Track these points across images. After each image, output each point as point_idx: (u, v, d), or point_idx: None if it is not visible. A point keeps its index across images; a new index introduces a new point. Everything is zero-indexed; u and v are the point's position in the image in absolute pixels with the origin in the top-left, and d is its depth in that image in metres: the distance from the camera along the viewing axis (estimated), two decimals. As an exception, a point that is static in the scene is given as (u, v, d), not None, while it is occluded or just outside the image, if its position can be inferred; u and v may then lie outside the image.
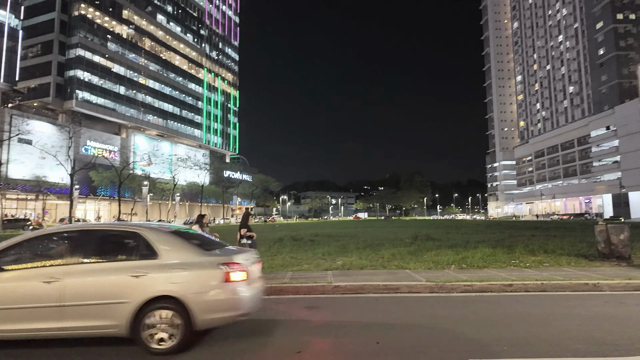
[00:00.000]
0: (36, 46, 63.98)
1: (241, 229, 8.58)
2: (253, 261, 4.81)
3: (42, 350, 4.23)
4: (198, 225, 8.42)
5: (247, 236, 8.49)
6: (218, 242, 5.36)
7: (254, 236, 8.74)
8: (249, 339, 4.66)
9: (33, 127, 52.55)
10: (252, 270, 4.57)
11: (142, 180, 58.59)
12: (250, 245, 8.42)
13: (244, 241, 8.45)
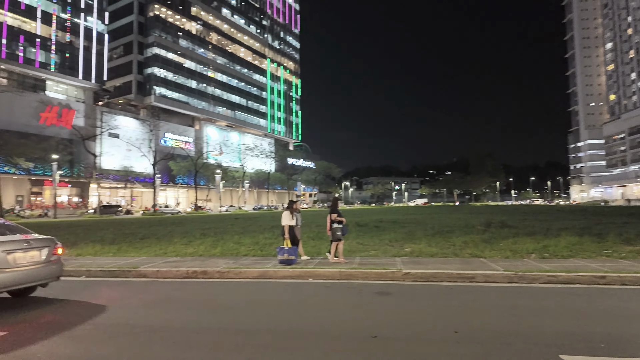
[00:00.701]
0: (119, 48, 70.48)
1: (331, 214, 8.62)
2: (17, 248, 5.44)
3: None
4: (289, 211, 8.70)
5: (338, 221, 8.52)
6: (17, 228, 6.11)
7: (344, 221, 8.69)
8: (314, 327, 4.82)
9: (120, 122, 58.42)
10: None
11: (214, 169, 62.50)
12: (342, 230, 8.44)
13: (335, 226, 8.45)
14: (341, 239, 8.53)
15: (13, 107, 45.40)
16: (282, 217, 8.76)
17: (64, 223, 27.90)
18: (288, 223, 8.64)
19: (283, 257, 8.29)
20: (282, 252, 8.33)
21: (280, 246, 8.51)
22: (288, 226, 8.61)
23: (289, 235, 8.55)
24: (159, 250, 11.16)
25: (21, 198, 49.19)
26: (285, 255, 8.28)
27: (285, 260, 8.26)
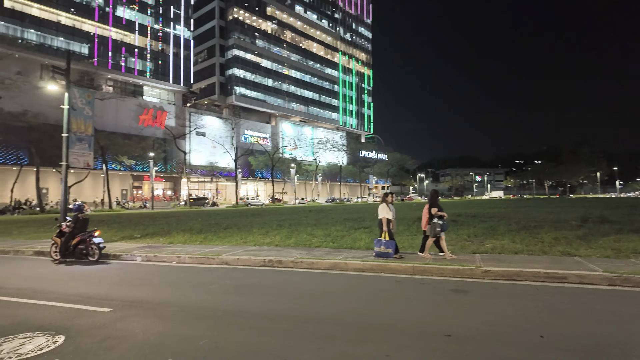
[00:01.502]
0: (203, 52, 76.15)
1: (432, 209, 8.10)
2: None
3: None
4: (385, 204, 8.48)
5: (438, 216, 8.00)
6: None
7: (445, 216, 8.12)
8: (383, 321, 4.73)
9: (205, 121, 63.38)
10: None
11: (289, 163, 64.78)
12: (442, 226, 7.95)
13: (435, 221, 7.95)
14: (441, 235, 8.01)
15: (118, 111, 51.72)
16: (379, 210, 8.51)
17: (160, 214, 31.20)
18: (386, 215, 8.34)
19: (380, 249, 8.11)
20: (379, 245, 8.16)
21: (378, 238, 8.32)
22: (386, 219, 8.34)
23: (387, 228, 8.27)
24: (240, 239, 11.91)
25: (125, 191, 56.08)
26: (382, 247, 8.09)
27: (382, 253, 8.07)
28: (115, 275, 7.75)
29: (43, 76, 48.24)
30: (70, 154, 13.30)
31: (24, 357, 3.60)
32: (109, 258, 9.75)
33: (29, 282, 7.06)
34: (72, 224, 9.48)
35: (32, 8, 47.82)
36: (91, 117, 14.00)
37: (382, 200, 8.61)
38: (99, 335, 4.17)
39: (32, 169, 38.72)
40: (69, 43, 50.48)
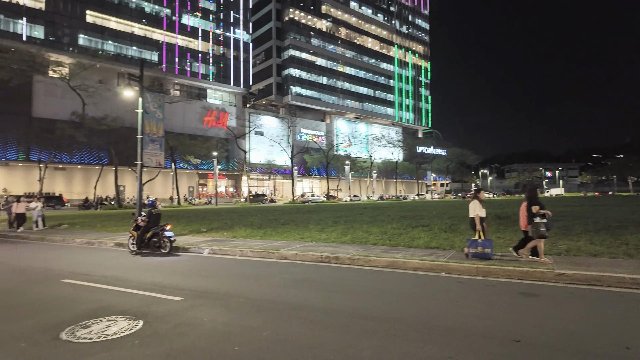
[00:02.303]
0: (261, 54, 78.70)
1: (531, 207, 7.31)
2: None
3: None
4: (477, 200, 7.96)
5: (541, 214, 7.23)
6: None
7: (549, 214, 7.29)
8: (444, 322, 4.56)
9: (263, 121, 65.59)
10: None
11: (344, 160, 64.88)
12: (546, 225, 7.09)
13: (538, 220, 7.12)
14: (546, 236, 7.12)
15: (185, 114, 55.29)
16: (471, 207, 7.95)
17: (223, 209, 32.89)
18: (479, 214, 7.78)
19: (476, 250, 7.50)
20: (474, 245, 7.56)
21: (472, 238, 7.75)
22: (479, 217, 7.77)
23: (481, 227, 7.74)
24: (297, 235, 12.19)
25: (192, 189, 59.86)
26: (480, 248, 7.46)
27: (480, 254, 7.45)
28: (185, 266, 8.33)
29: (120, 83, 52.98)
30: (144, 154, 14.50)
31: (110, 338, 4.01)
32: (179, 250, 10.49)
33: (111, 271, 7.83)
34: (146, 218, 10.32)
35: (110, 22, 52.65)
36: (162, 120, 15.14)
37: (474, 196, 8.06)
38: (173, 321, 4.52)
39: (111, 169, 42.73)
40: (141, 52, 54.86)
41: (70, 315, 4.78)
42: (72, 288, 6.33)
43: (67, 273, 7.56)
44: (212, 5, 62.47)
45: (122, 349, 3.71)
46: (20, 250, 11.27)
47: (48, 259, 9.51)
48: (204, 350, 3.66)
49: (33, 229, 15.89)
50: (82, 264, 8.68)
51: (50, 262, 8.98)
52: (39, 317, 4.75)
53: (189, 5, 59.69)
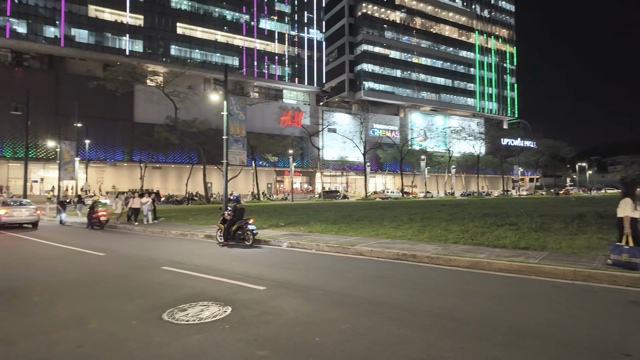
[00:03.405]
0: (334, 51, 79.33)
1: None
2: None
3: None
4: (629, 199, 6.45)
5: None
6: None
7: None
8: (536, 328, 4.17)
9: (336, 118, 66.18)
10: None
11: (419, 155, 62.69)
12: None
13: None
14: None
15: (263, 114, 58.11)
16: (621, 206, 6.58)
17: (299, 205, 34.00)
18: (629, 214, 6.43)
19: (620, 257, 6.36)
20: (617, 251, 6.40)
21: (616, 243, 6.61)
22: (629, 218, 6.42)
23: (632, 231, 6.42)
24: (372, 231, 12.14)
25: (270, 185, 62.81)
26: (625, 256, 6.29)
27: (625, 263, 6.27)
28: (267, 258, 8.81)
29: (206, 88, 57.45)
30: (229, 153, 15.60)
31: (203, 321, 4.41)
32: (260, 243, 11.11)
33: (202, 260, 8.58)
34: (232, 212, 11.11)
35: (197, 31, 57.28)
36: (244, 121, 16.13)
37: (626, 193, 6.57)
38: (258, 309, 4.82)
39: (200, 167, 46.62)
40: (224, 57, 58.81)
41: (169, 299, 5.37)
42: (171, 275, 7.09)
43: (166, 261, 8.47)
44: (287, 7, 64.53)
45: (214, 332, 4.07)
46: (127, 241, 12.89)
47: (150, 249, 10.74)
48: (287, 339, 3.85)
49: (144, 222, 17.71)
50: (178, 254, 9.65)
51: (152, 252, 10.14)
52: (145, 299, 5.40)
53: (266, 9, 62.41)
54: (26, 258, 9.22)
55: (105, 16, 51.04)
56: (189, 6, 56.71)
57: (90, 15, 49.98)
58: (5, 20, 45.13)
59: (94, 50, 49.86)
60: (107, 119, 47.14)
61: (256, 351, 3.56)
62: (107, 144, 48.53)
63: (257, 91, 63.89)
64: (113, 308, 5.01)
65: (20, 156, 41.53)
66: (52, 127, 41.91)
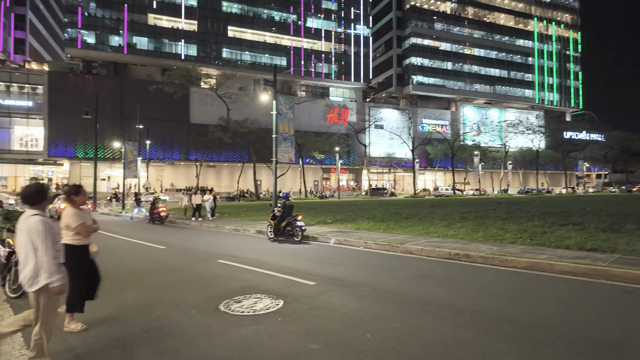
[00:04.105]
0: (381, 46, 78.11)
1: None
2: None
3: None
4: None
5: None
6: None
7: None
8: (608, 336, 3.85)
9: (383, 114, 65.21)
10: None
11: (472, 150, 60.02)
12: None
13: None
14: None
15: (310, 113, 58.70)
16: None
17: (345, 202, 34.02)
18: None
19: None
20: None
21: None
22: None
23: None
24: (421, 230, 11.86)
25: (317, 182, 63.39)
26: None
27: None
28: (315, 254, 8.94)
29: (255, 89, 59.16)
30: (278, 152, 15.98)
31: (257, 313, 4.58)
32: (309, 239, 11.29)
33: (255, 255, 8.90)
34: (281, 209, 11.39)
35: (246, 34, 59.08)
36: (292, 120, 16.45)
37: None
38: (308, 303, 4.92)
39: (250, 165, 48.16)
40: (272, 58, 60.15)
41: (225, 291, 5.64)
42: (226, 268, 7.43)
43: (221, 255, 8.89)
44: (334, 4, 64.54)
45: (268, 324, 4.22)
46: (185, 235, 13.68)
47: (206, 242, 11.32)
48: (338, 333, 3.90)
49: (206, 218, 18.39)
50: (232, 248, 10.09)
51: (208, 245, 10.68)
52: (203, 290, 5.72)
53: (313, 8, 62.87)
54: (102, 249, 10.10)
55: (162, 23, 54.27)
56: (239, 9, 58.63)
57: (150, 23, 53.40)
58: (77, 32, 49.54)
59: (153, 56, 53.24)
60: (165, 121, 50.13)
61: (308, 344, 3.65)
62: (165, 144, 51.64)
63: (303, 90, 64.66)
64: (175, 297, 5.36)
65: (90, 156, 45.42)
66: (117, 129, 45.35)
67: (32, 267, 3.14)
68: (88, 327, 4.24)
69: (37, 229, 3.12)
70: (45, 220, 3.18)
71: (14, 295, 5.42)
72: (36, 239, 3.12)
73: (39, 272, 3.13)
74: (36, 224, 3.13)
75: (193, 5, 55.54)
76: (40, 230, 3.11)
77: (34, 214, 3.21)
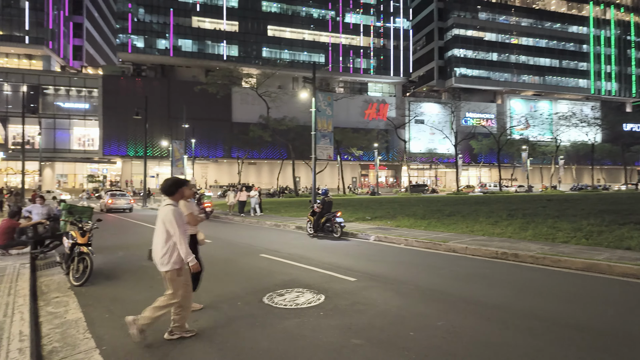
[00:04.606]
0: (421, 39, 76.06)
1: None
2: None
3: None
4: None
5: None
6: None
7: None
8: (699, 342, 3.52)
9: (424, 109, 63.57)
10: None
11: (520, 145, 57.07)
12: None
13: None
14: None
15: (348, 109, 58.44)
16: None
17: (384, 199, 33.61)
18: None
19: None
20: None
21: None
22: None
23: None
24: (465, 227, 11.48)
25: (354, 179, 63.09)
26: None
27: None
28: (355, 250, 8.93)
29: (294, 87, 59.79)
30: (317, 148, 16.10)
31: (300, 307, 4.66)
32: (348, 236, 11.29)
33: (295, 250, 9.04)
34: (320, 205, 11.47)
35: (285, 32, 59.78)
36: (331, 117, 16.50)
37: None
38: (349, 299, 4.94)
39: (289, 162, 48.85)
40: (311, 55, 60.47)
41: (268, 284, 5.78)
42: (268, 262, 7.61)
43: (263, 249, 9.12)
44: (373, -1, 63.73)
45: (310, 317, 4.28)
46: (229, 229, 14.15)
47: (248, 237, 11.65)
48: (380, 330, 3.89)
49: (251, 214, 18.60)
50: (273, 242, 10.31)
51: (250, 240, 10.98)
52: (247, 283, 5.91)
53: (351, 3, 62.41)
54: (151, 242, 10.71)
55: (205, 25, 56.19)
56: (278, 8, 59.43)
57: (194, 25, 55.49)
58: (127, 37, 52.48)
59: (197, 57, 55.30)
60: (209, 120, 51.97)
61: (351, 339, 3.66)
62: (209, 143, 53.56)
63: (342, 86, 64.48)
64: (221, 289, 5.58)
65: (140, 155, 48.08)
66: (165, 128, 47.66)
67: (166, 250, 3.62)
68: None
69: (169, 217, 3.60)
70: (176, 210, 3.67)
71: (77, 283, 5.87)
72: (169, 225, 3.61)
73: (172, 254, 3.61)
74: (168, 213, 3.62)
75: (234, 6, 57.00)
76: (172, 218, 3.59)
77: (168, 204, 3.72)
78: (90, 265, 5.93)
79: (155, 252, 3.72)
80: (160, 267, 3.66)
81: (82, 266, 5.98)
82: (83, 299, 5.15)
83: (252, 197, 18.99)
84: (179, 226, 3.60)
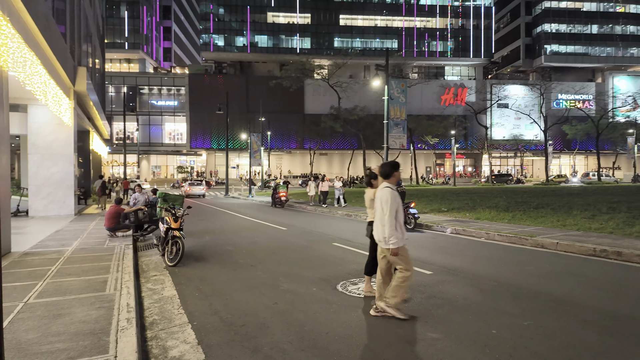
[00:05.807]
0: (505, 16, 69.74)
1: None
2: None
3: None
4: None
5: None
6: None
7: None
8: None
9: (508, 91, 58.45)
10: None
11: (625, 129, 49.89)
12: None
13: None
14: None
15: (422, 95, 56.12)
16: None
17: (462, 189, 31.88)
18: None
19: None
20: None
21: None
22: None
23: None
24: (556, 221, 10.44)
25: (429, 169, 60.62)
26: None
27: None
28: (430, 243, 8.64)
29: (366, 75, 59.02)
30: (389, 137, 15.76)
31: (374, 296, 4.66)
32: (422, 227, 10.95)
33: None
34: (394, 195, 11.25)
35: (357, 20, 59.04)
36: (405, 104, 15.99)
37: None
38: (426, 292, 4.81)
39: (360, 152, 48.57)
40: (383, 42, 59.03)
41: (341, 272, 5.87)
42: (341, 250, 7.72)
43: (336, 238, 9.26)
44: (450, -24, 59.90)
45: (385, 308, 4.26)
46: (303, 218, 14.59)
47: (321, 226, 11.91)
48: (459, 325, 3.73)
49: (335, 204, 18.36)
50: (345, 232, 10.41)
51: (323, 228, 11.22)
52: (321, 269, 6.06)
53: (426, -16, 59.43)
54: (235, 227, 11.53)
55: (279, 20, 57.84)
56: (350, -4, 58.88)
57: (269, 21, 57.44)
58: (209, 36, 56.16)
59: (272, 52, 57.28)
60: (283, 113, 53.72)
61: (428, 332, 3.58)
62: (283, 135, 55.46)
63: (415, 71, 62.05)
64: (297, 274, 5.81)
65: (223, 147, 51.50)
66: (244, 122, 50.34)
67: (382, 229, 3.89)
68: (227, 296, 4.87)
69: (385, 197, 3.86)
70: (391, 192, 3.91)
71: (171, 264, 6.54)
72: (384, 206, 3.86)
73: (387, 233, 3.85)
74: (385, 194, 3.88)
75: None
76: (387, 199, 3.84)
77: (385, 186, 4.00)
78: (182, 248, 6.56)
79: (377, 231, 4.01)
80: (383, 244, 3.92)
81: (175, 249, 6.63)
82: (176, 278, 5.72)
83: (336, 188, 18.69)
84: (391, 207, 3.80)
